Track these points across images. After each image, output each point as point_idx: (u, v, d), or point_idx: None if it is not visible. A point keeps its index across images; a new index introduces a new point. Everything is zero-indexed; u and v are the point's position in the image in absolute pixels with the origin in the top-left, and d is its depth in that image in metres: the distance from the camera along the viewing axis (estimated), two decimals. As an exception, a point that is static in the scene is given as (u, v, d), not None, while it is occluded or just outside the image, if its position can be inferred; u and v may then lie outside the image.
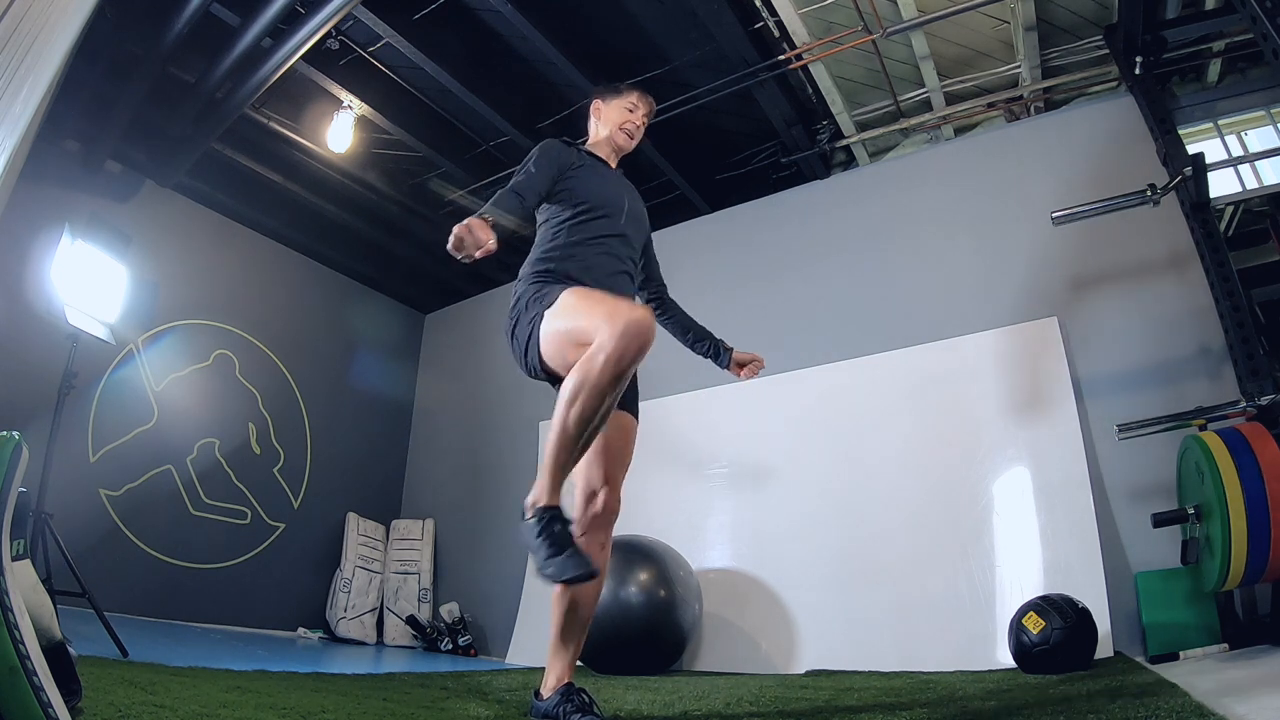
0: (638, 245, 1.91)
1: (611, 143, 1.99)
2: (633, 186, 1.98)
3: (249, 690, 1.72)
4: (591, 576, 1.38)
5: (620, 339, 1.38)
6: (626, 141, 2.00)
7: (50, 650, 0.98)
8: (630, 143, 2.01)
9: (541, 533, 1.40)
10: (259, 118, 4.17)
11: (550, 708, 1.56)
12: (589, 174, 1.85)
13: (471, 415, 5.40)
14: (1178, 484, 2.55)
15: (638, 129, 2.01)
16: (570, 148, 1.87)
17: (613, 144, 1.99)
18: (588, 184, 1.82)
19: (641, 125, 2.02)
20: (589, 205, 1.79)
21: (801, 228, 4.38)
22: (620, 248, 1.82)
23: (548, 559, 1.37)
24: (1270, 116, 3.40)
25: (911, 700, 1.84)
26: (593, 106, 2.05)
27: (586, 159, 1.88)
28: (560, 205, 1.80)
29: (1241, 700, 1.47)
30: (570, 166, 1.81)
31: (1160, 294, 3.23)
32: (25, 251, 3.45)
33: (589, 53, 3.81)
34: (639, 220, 1.92)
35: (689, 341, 2.11)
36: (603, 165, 1.94)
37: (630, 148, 2.02)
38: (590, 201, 1.80)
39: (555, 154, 1.81)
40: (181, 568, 4.16)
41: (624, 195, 1.89)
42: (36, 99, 2.14)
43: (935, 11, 3.47)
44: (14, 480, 0.92)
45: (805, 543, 3.63)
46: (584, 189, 1.81)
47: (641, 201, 1.98)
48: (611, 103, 2.01)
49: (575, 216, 1.78)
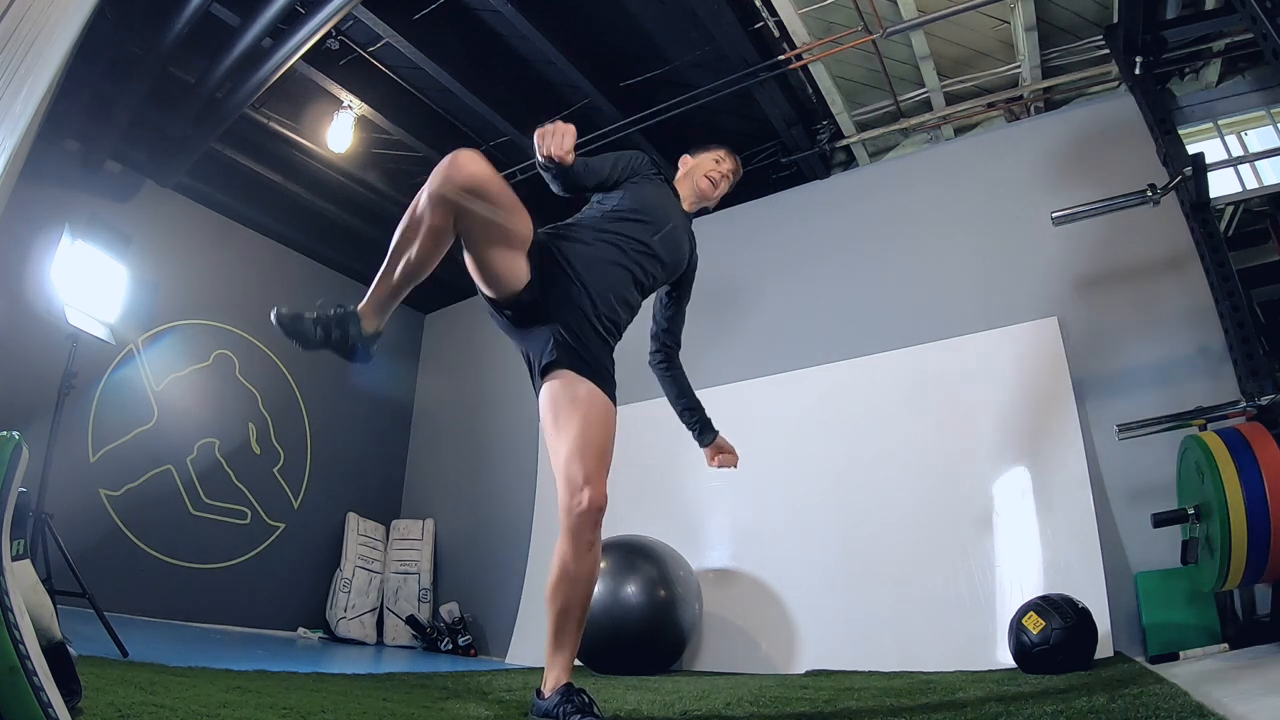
0: (660, 271, 1.88)
1: (695, 186, 2.03)
2: (690, 229, 2.01)
3: (249, 690, 1.72)
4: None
5: (437, 174, 1.49)
6: (709, 187, 2.03)
7: (50, 650, 0.98)
8: (712, 190, 2.04)
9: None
10: (259, 118, 4.17)
11: (550, 708, 1.56)
12: (654, 187, 1.89)
13: (471, 415, 5.40)
14: (1178, 484, 2.55)
15: (721, 179, 2.05)
16: (653, 167, 1.94)
17: (695, 187, 2.03)
18: (644, 191, 1.86)
19: (726, 177, 2.06)
20: (632, 207, 1.82)
21: (801, 228, 4.37)
22: (638, 254, 1.79)
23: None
24: (1270, 116, 3.40)
25: (911, 700, 1.84)
26: (681, 160, 2.13)
27: (661, 180, 1.94)
28: (610, 196, 1.85)
29: (1241, 700, 1.47)
30: (641, 176, 1.88)
31: (1160, 294, 3.23)
32: (25, 251, 3.45)
33: (589, 53, 3.81)
34: (675, 248, 1.90)
35: (680, 406, 2.08)
36: (673, 192, 1.99)
37: (710, 196, 2.05)
38: (635, 205, 1.82)
39: (634, 160, 1.89)
40: (181, 568, 4.16)
41: (672, 219, 1.90)
42: (36, 99, 2.14)
43: (935, 11, 3.47)
44: (14, 480, 0.92)
45: (805, 543, 3.63)
46: (638, 193, 1.85)
47: (691, 244, 2.01)
48: (700, 155, 2.09)
49: (615, 210, 1.82)
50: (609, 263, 1.76)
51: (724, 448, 2.10)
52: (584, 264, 1.72)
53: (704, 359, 3.61)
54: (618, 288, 1.77)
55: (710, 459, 2.10)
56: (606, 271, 1.75)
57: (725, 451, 2.10)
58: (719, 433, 2.10)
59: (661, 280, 1.93)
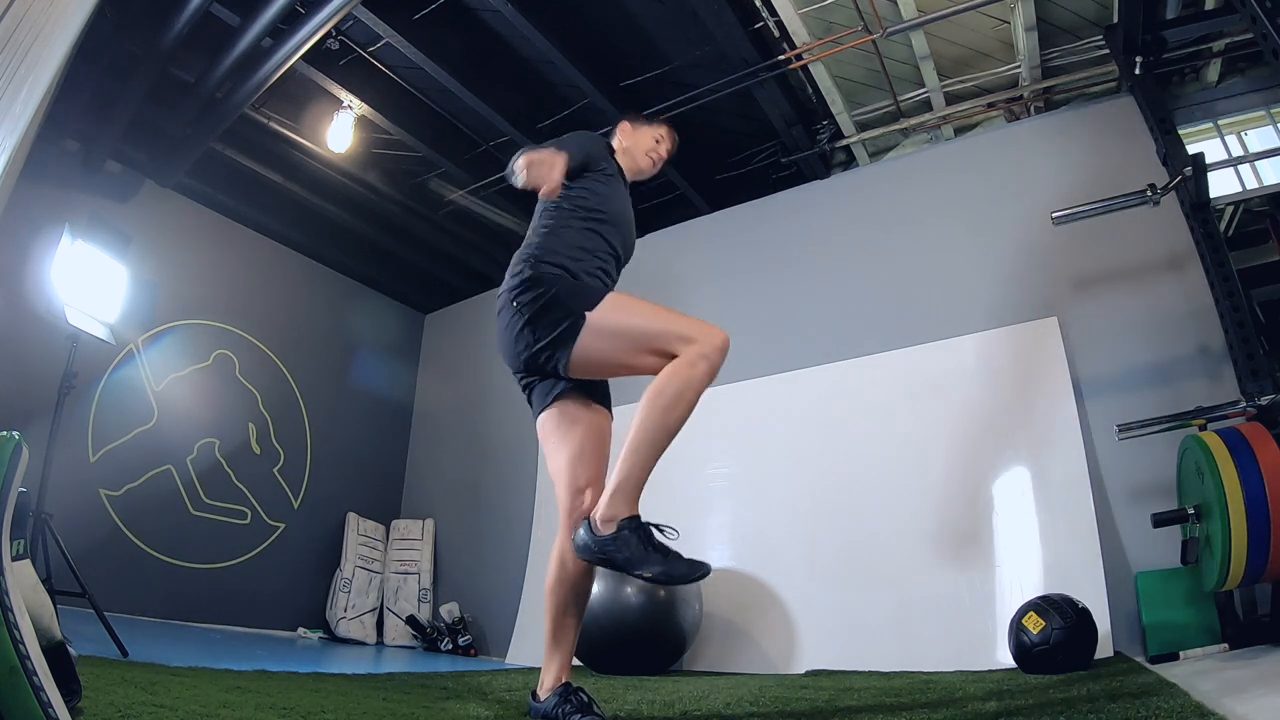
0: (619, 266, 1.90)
1: (635, 164, 2.00)
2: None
3: (249, 690, 1.72)
4: (707, 569, 1.45)
5: (721, 351, 1.46)
6: (649, 166, 2.01)
7: (50, 650, 0.98)
8: (651, 169, 2.02)
9: (644, 543, 1.42)
10: (259, 118, 4.17)
11: (549, 708, 1.56)
12: (616, 184, 1.86)
13: (471, 415, 5.40)
14: (1178, 484, 2.55)
15: (660, 160, 2.03)
16: (608, 149, 1.90)
17: (635, 165, 2.00)
18: (612, 194, 1.82)
19: (664, 158, 2.03)
20: (604, 214, 1.78)
21: (801, 228, 4.37)
22: (614, 265, 1.81)
23: (665, 562, 1.41)
24: (1270, 116, 3.40)
25: (911, 700, 1.84)
26: (620, 126, 2.06)
27: (615, 167, 1.90)
28: (579, 198, 1.78)
29: (1241, 700, 1.47)
30: (600, 169, 1.83)
31: (1160, 294, 3.23)
32: (25, 251, 3.45)
33: (589, 53, 3.81)
34: (630, 245, 1.91)
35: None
36: (624, 181, 1.95)
37: (646, 175, 2.03)
38: (609, 213, 1.79)
39: (595, 146, 1.83)
40: (181, 568, 4.16)
41: (630, 218, 1.90)
42: (36, 99, 2.14)
43: (935, 11, 3.47)
44: (14, 480, 0.92)
45: (805, 543, 3.63)
46: (609, 196, 1.81)
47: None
48: (641, 129, 2.03)
49: (592, 220, 1.76)
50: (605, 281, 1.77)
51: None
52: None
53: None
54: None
55: None
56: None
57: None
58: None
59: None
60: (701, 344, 1.46)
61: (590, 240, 1.73)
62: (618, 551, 1.43)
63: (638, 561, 1.41)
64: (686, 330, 1.49)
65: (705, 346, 1.46)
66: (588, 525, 1.47)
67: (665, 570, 1.41)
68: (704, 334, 1.48)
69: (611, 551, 1.43)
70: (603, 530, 1.44)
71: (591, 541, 1.45)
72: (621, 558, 1.43)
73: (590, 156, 1.79)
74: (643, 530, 1.44)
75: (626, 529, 1.43)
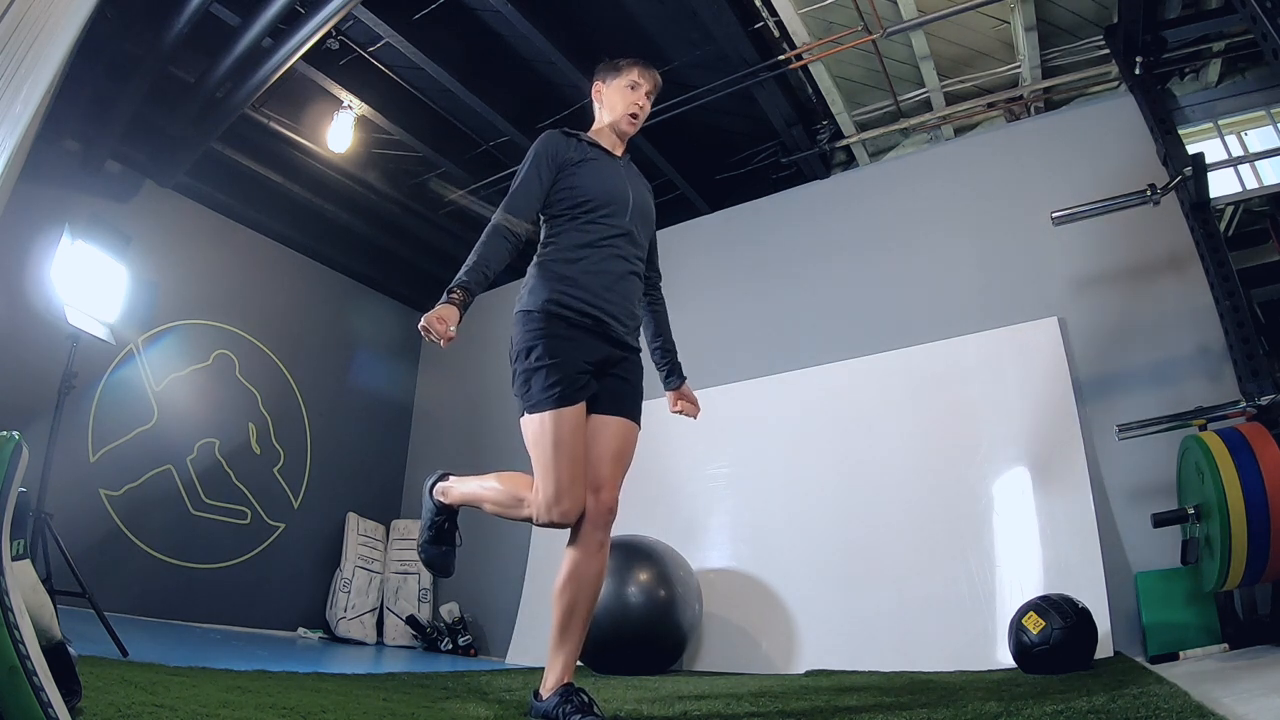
0: (645, 241, 1.85)
1: (618, 132, 1.89)
2: (640, 175, 1.92)
3: (249, 690, 1.72)
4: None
5: (547, 515, 1.65)
6: (631, 125, 1.88)
7: (50, 650, 0.98)
8: (634, 125, 1.88)
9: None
10: (259, 118, 4.16)
11: (550, 708, 1.56)
12: (592, 169, 1.78)
13: (471, 415, 5.39)
14: (1178, 484, 2.55)
15: (641, 110, 1.88)
16: (570, 139, 1.82)
17: (618, 132, 1.89)
18: (591, 180, 1.75)
19: (645, 105, 1.89)
20: (594, 203, 1.73)
21: (801, 228, 4.37)
22: (627, 246, 1.77)
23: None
24: (1270, 116, 3.39)
25: (911, 700, 1.84)
26: (594, 90, 1.94)
27: (589, 151, 1.81)
28: (563, 202, 1.75)
29: (1241, 700, 1.47)
30: (570, 162, 1.76)
31: (1160, 294, 3.23)
32: (25, 251, 3.45)
33: (589, 53, 3.81)
34: (645, 214, 1.85)
35: (656, 344, 2.04)
36: (606, 156, 1.84)
37: (634, 131, 1.91)
38: (595, 199, 1.74)
39: (552, 151, 1.76)
40: (181, 568, 4.16)
41: (629, 189, 1.81)
42: (36, 99, 2.14)
43: (935, 11, 3.47)
44: (14, 480, 0.92)
45: (805, 543, 3.63)
46: (588, 185, 1.74)
47: (649, 191, 1.91)
48: (612, 84, 1.89)
49: (580, 215, 1.73)
50: (622, 277, 1.76)
51: (687, 395, 2.08)
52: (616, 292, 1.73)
53: (704, 359, 3.62)
54: (630, 295, 1.79)
55: (673, 404, 2.08)
56: (625, 286, 1.77)
57: (688, 400, 2.08)
58: (686, 379, 2.08)
59: (646, 250, 1.89)
60: (540, 497, 1.67)
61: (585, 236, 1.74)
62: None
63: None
64: (543, 476, 1.67)
65: (540, 503, 1.67)
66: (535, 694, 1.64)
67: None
68: (548, 491, 1.65)
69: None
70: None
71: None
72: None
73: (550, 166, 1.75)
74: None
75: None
